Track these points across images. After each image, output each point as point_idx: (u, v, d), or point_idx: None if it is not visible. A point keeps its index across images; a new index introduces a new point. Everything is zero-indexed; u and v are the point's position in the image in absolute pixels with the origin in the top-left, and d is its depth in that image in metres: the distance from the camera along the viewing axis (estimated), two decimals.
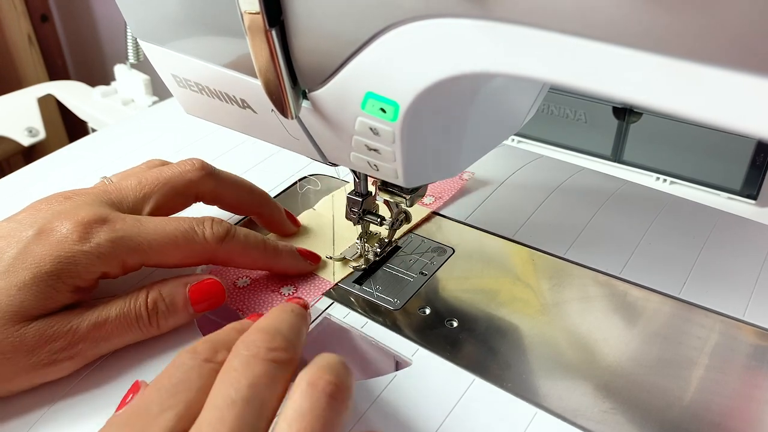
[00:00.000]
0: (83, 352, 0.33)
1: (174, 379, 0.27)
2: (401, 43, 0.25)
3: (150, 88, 0.82)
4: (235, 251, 0.37)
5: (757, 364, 0.35)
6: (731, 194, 0.52)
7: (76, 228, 0.33)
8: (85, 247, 0.33)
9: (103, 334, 0.33)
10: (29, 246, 0.32)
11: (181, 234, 0.35)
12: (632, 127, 0.55)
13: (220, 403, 0.25)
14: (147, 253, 0.34)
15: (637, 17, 0.19)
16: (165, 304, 0.34)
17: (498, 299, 0.39)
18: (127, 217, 0.35)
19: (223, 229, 0.36)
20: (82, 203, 0.35)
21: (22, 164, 0.74)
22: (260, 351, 0.27)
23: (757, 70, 0.18)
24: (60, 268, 0.32)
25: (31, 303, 0.31)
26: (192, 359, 0.28)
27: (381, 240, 0.42)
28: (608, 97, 0.22)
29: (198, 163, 0.39)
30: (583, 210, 0.46)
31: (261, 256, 0.39)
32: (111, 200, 0.36)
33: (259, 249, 0.38)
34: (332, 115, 0.31)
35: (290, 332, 0.29)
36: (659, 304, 0.39)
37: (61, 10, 1.24)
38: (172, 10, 0.33)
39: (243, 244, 0.37)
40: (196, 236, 0.35)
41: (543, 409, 0.32)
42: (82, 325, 0.32)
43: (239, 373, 0.26)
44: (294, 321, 0.30)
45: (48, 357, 0.31)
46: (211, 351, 0.29)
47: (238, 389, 0.26)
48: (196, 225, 0.36)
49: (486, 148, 0.36)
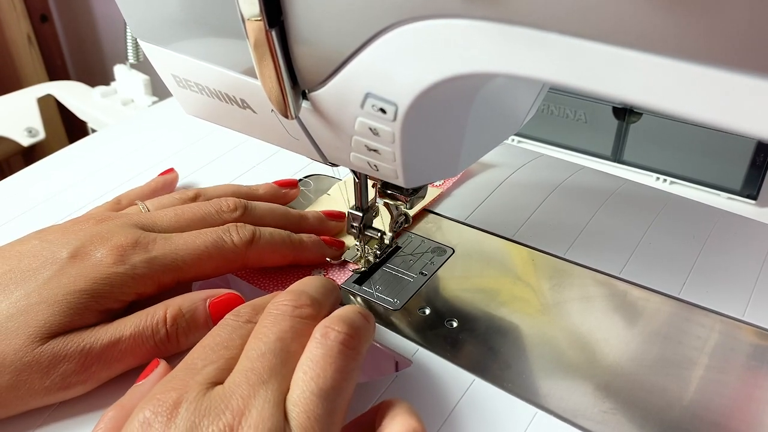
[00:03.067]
0: (96, 374, 0.32)
1: (219, 338, 0.30)
2: (401, 44, 0.25)
3: (150, 88, 0.82)
4: (265, 252, 0.38)
5: (757, 364, 0.35)
6: (731, 194, 0.52)
7: (111, 252, 0.34)
8: (121, 269, 0.33)
9: (118, 354, 0.32)
10: (64, 268, 0.33)
11: (211, 244, 0.36)
12: (632, 127, 0.55)
13: (252, 354, 0.28)
14: (182, 269, 0.35)
15: (637, 18, 0.19)
16: (185, 320, 0.34)
17: (498, 299, 0.39)
18: (157, 237, 0.36)
19: (249, 232, 0.38)
20: (115, 227, 0.35)
21: (21, 164, 0.75)
22: (287, 309, 0.30)
23: (757, 71, 0.18)
24: (95, 288, 0.33)
25: (57, 320, 0.31)
26: (235, 320, 0.31)
27: (381, 242, 0.42)
28: (608, 97, 0.22)
29: (232, 204, 0.40)
30: (583, 210, 0.46)
31: (289, 251, 0.40)
32: (143, 225, 0.37)
33: (286, 245, 0.39)
34: (332, 115, 0.31)
35: (316, 292, 0.32)
36: (659, 304, 0.39)
37: (61, 10, 1.24)
38: (172, 10, 0.33)
39: (270, 243, 0.38)
40: (225, 244, 0.36)
41: (543, 409, 0.32)
42: (96, 344, 0.32)
43: (268, 329, 0.29)
44: (320, 284, 0.33)
45: (61, 381, 0.31)
46: (252, 313, 0.31)
47: (267, 342, 0.29)
48: (223, 233, 0.37)
49: (486, 148, 0.36)
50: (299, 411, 0.27)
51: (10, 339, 0.31)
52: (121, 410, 0.29)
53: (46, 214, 0.47)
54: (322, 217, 0.44)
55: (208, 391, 0.27)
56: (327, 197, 0.49)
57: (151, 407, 0.26)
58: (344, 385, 0.28)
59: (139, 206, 0.40)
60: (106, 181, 0.51)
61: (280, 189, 0.47)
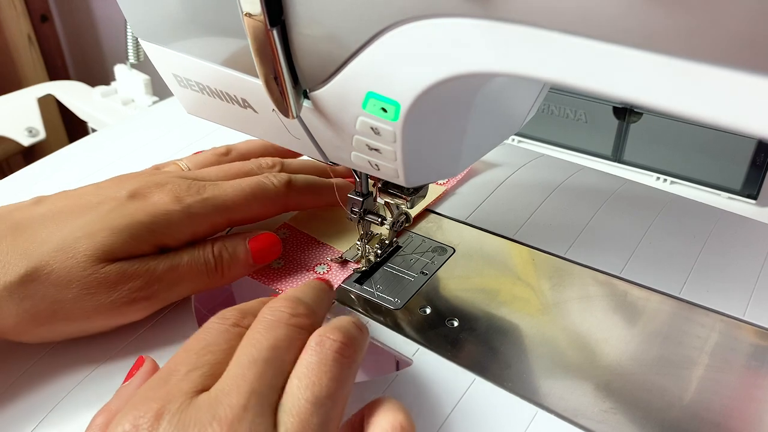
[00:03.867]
0: (158, 294, 0.35)
1: (203, 342, 0.29)
2: (402, 43, 0.25)
3: (150, 88, 0.82)
4: (303, 192, 0.42)
5: (757, 364, 0.35)
6: (731, 194, 0.52)
7: (168, 193, 0.37)
8: (178, 207, 0.36)
9: (177, 277, 0.36)
10: (125, 204, 0.36)
11: (256, 187, 0.39)
12: (632, 127, 0.55)
13: (243, 361, 0.27)
14: (232, 210, 0.38)
15: (637, 17, 0.19)
16: (228, 253, 0.38)
17: (498, 299, 0.39)
18: (206, 184, 0.39)
19: (285, 176, 0.41)
20: (168, 177, 0.38)
21: (22, 164, 0.75)
22: (283, 316, 0.30)
23: (757, 70, 0.18)
24: (154, 222, 0.35)
25: (118, 246, 0.34)
26: (220, 323, 0.30)
27: (381, 241, 0.42)
28: (608, 97, 0.22)
29: (271, 162, 0.44)
30: (584, 209, 0.46)
31: (324, 191, 0.43)
32: (194, 178, 0.39)
33: (319, 186, 0.43)
34: (333, 114, 0.31)
35: (312, 301, 0.32)
36: (659, 303, 0.39)
37: (61, 10, 1.24)
38: (173, 9, 0.33)
39: (306, 185, 0.42)
40: (268, 186, 0.40)
41: (543, 409, 0.32)
42: (159, 266, 0.35)
43: (262, 335, 0.29)
44: (316, 293, 0.33)
45: (127, 295, 0.34)
46: (239, 316, 0.31)
47: (260, 350, 0.28)
48: (263, 178, 0.40)
49: (486, 147, 0.36)
50: (293, 420, 0.26)
51: (78, 258, 0.33)
52: (109, 414, 0.28)
53: None
54: (344, 181, 0.46)
55: (193, 400, 0.26)
56: None
57: (131, 419, 0.25)
58: (339, 393, 0.27)
59: (179, 164, 0.44)
60: None
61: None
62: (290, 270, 0.41)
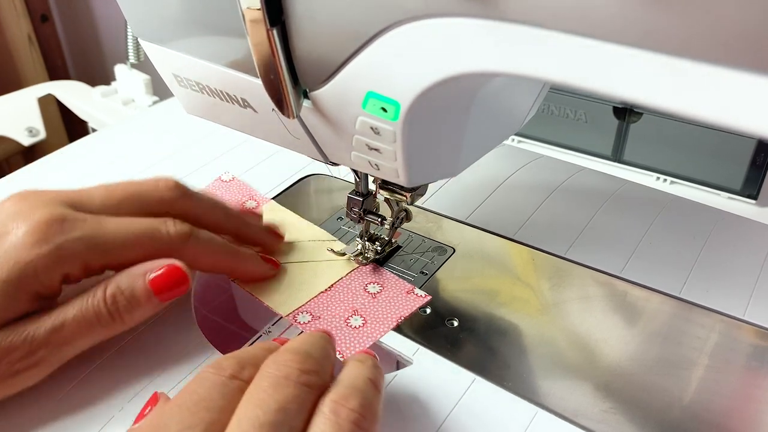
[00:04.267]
0: (46, 359, 0.31)
1: (196, 396, 0.26)
2: (402, 43, 0.25)
3: (150, 88, 0.82)
4: (200, 251, 0.35)
5: (757, 364, 0.35)
6: (731, 194, 0.52)
7: (33, 230, 0.31)
8: (43, 249, 0.31)
9: (64, 338, 0.31)
10: None
11: (145, 232, 0.34)
12: (632, 127, 0.55)
13: (246, 426, 0.24)
14: (110, 253, 0.33)
15: (637, 16, 0.19)
16: (125, 297, 0.32)
17: (498, 299, 0.39)
18: (87, 217, 0.33)
19: (186, 228, 0.35)
20: (38, 203, 0.33)
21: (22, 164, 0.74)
22: (292, 372, 0.26)
23: (757, 69, 0.18)
24: (18, 275, 0.30)
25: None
26: (216, 375, 0.27)
27: (381, 239, 0.42)
28: (608, 97, 0.22)
29: (172, 183, 0.37)
30: (584, 210, 0.46)
31: (225, 258, 0.37)
32: (72, 201, 0.34)
33: (223, 250, 0.37)
34: (333, 114, 0.31)
35: (321, 356, 0.29)
36: (659, 303, 0.39)
37: (61, 10, 1.24)
38: (173, 9, 0.33)
39: (207, 244, 0.36)
40: (160, 234, 0.34)
41: (543, 409, 0.32)
42: (39, 331, 0.30)
43: (268, 395, 0.25)
44: (324, 345, 0.30)
45: (7, 368, 0.30)
46: (237, 367, 0.27)
47: (266, 412, 0.25)
48: (160, 224, 0.34)
49: (486, 147, 0.36)
50: None
51: None
52: None
53: None
54: (263, 229, 0.41)
55: None
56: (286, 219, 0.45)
57: None
58: None
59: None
60: (106, 181, 0.51)
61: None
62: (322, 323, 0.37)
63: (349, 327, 0.37)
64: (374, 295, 0.39)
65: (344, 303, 0.38)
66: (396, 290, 0.39)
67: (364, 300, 0.39)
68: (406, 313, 0.38)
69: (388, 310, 0.38)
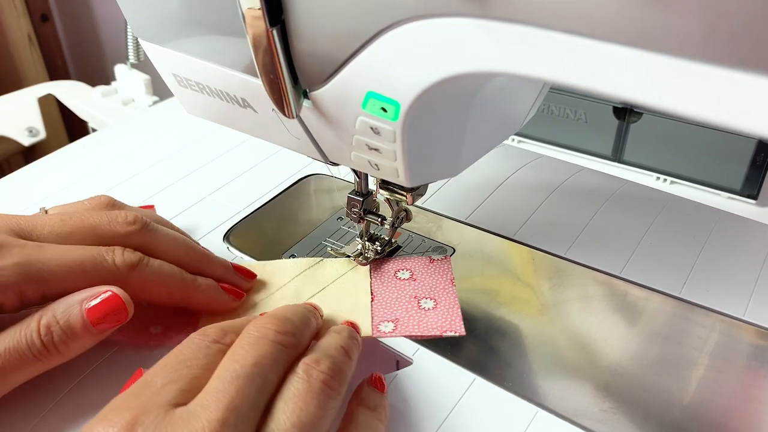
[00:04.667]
0: None
1: (181, 356, 0.28)
2: (402, 43, 0.25)
3: (150, 88, 0.82)
4: (149, 280, 0.34)
5: (757, 364, 0.35)
6: (731, 194, 0.52)
7: None
8: None
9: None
10: None
11: (88, 260, 0.32)
12: (632, 127, 0.55)
13: (225, 375, 0.26)
14: (49, 282, 0.31)
15: (637, 16, 0.19)
16: (60, 327, 0.30)
17: (498, 299, 0.39)
18: (27, 244, 0.32)
19: (135, 257, 0.33)
20: None
21: (22, 164, 0.74)
22: (269, 333, 0.29)
23: (757, 69, 0.18)
24: None
25: None
26: (201, 339, 0.29)
27: (381, 239, 0.42)
28: (608, 97, 0.22)
29: (131, 217, 0.35)
30: (584, 210, 0.46)
31: (178, 287, 0.35)
32: (20, 229, 0.33)
33: (175, 279, 0.35)
34: (333, 114, 0.31)
35: (300, 322, 0.31)
36: (659, 303, 0.39)
37: (61, 10, 1.24)
38: (173, 9, 0.33)
39: (158, 273, 0.34)
40: (105, 262, 0.32)
41: (543, 409, 0.32)
42: None
43: (246, 351, 0.28)
44: (305, 313, 0.32)
45: None
46: (220, 333, 0.30)
47: (243, 365, 0.27)
48: (105, 252, 0.33)
49: (486, 147, 0.36)
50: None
51: None
52: None
53: None
54: (230, 267, 0.39)
55: (168, 413, 0.25)
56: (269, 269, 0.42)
57: (101, 429, 0.24)
58: (323, 423, 0.27)
59: (39, 211, 0.37)
60: (106, 180, 0.51)
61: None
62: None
63: (421, 309, 0.38)
64: (407, 280, 0.40)
65: (408, 293, 0.39)
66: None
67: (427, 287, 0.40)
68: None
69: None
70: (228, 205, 0.48)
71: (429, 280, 0.40)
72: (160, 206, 0.47)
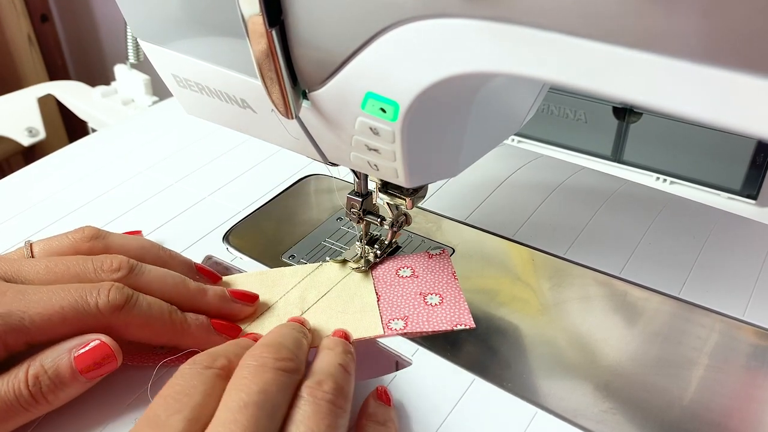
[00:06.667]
0: None
1: (177, 387, 0.28)
2: (401, 43, 0.25)
3: (150, 88, 0.82)
4: (133, 323, 0.32)
5: (757, 364, 0.35)
6: (731, 194, 0.52)
7: None
8: None
9: None
10: None
11: (69, 305, 0.31)
12: (632, 127, 0.55)
13: (232, 405, 0.26)
14: (30, 331, 0.30)
15: (637, 17, 0.19)
16: (48, 377, 0.30)
17: (498, 299, 0.39)
18: (8, 289, 0.31)
19: (122, 297, 0.32)
20: None
21: (22, 164, 0.75)
22: (267, 361, 0.29)
23: (757, 70, 0.18)
24: None
25: None
26: (192, 368, 0.29)
27: (381, 242, 0.42)
28: (608, 97, 0.22)
29: (116, 263, 0.34)
30: (583, 210, 0.46)
31: (165, 330, 0.33)
32: (4, 273, 0.33)
33: (163, 322, 0.33)
34: (332, 114, 0.31)
35: (294, 345, 0.31)
36: (659, 304, 0.39)
37: (61, 10, 1.24)
38: (172, 10, 0.33)
39: (144, 315, 0.32)
40: (87, 307, 0.31)
41: (543, 409, 0.32)
42: None
43: (249, 380, 0.27)
44: (296, 335, 0.32)
45: None
46: (210, 359, 0.29)
47: (249, 394, 0.27)
48: (89, 293, 0.32)
49: (486, 147, 0.36)
50: None
51: None
52: None
53: (46, 212, 0.47)
54: (226, 296, 0.37)
55: None
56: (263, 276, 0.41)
57: None
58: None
59: (23, 251, 0.36)
60: (105, 180, 0.51)
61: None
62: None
63: (428, 305, 0.38)
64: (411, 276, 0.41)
65: (412, 290, 0.39)
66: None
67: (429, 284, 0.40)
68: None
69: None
70: (228, 205, 0.48)
71: (431, 276, 0.40)
72: (160, 206, 0.47)
